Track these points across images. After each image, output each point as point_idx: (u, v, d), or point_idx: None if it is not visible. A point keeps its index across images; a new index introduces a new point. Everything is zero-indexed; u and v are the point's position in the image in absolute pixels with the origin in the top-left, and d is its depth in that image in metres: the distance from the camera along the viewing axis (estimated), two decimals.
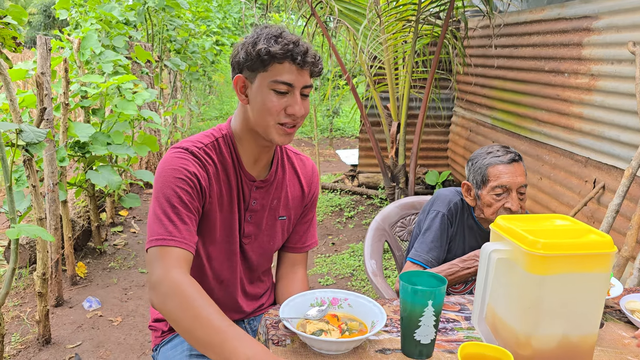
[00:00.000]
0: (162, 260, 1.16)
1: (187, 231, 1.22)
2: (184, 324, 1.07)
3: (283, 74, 1.24)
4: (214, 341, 1.02)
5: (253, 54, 1.23)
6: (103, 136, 3.43)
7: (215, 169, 1.32)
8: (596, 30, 3.16)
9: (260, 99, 1.26)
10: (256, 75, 1.26)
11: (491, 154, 1.72)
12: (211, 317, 1.05)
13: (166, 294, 1.11)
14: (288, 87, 1.25)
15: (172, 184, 1.24)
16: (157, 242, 1.19)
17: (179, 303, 1.09)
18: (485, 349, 0.99)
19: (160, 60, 5.74)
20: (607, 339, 1.27)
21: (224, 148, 1.34)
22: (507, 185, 1.67)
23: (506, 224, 1.09)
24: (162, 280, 1.13)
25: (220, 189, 1.34)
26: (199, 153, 1.30)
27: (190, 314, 1.07)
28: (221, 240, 1.38)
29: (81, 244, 3.86)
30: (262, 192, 1.40)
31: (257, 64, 1.24)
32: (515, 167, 1.68)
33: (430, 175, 5.45)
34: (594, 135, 3.18)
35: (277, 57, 1.22)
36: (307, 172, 1.51)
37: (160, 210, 1.22)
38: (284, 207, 1.46)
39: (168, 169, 1.26)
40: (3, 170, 2.18)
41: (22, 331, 2.82)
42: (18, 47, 2.15)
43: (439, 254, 1.76)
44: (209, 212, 1.32)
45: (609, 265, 1.02)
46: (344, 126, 10.08)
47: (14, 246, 2.19)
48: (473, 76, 4.92)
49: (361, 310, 1.27)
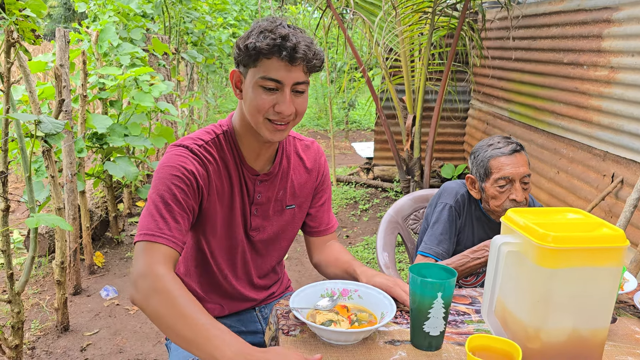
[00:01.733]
0: (147, 256, 1.15)
1: (178, 230, 1.21)
2: (167, 321, 1.06)
3: (271, 71, 1.20)
4: (198, 339, 1.02)
5: (242, 48, 1.21)
6: (120, 128, 3.47)
7: (216, 166, 1.31)
8: (616, 22, 3.10)
9: (250, 95, 1.24)
10: (248, 71, 1.24)
11: (492, 146, 1.71)
12: (195, 315, 1.05)
13: (149, 289, 1.10)
14: (276, 84, 1.21)
15: (169, 181, 1.23)
16: (145, 237, 1.17)
17: (162, 300, 1.08)
18: (494, 342, 0.99)
19: (177, 52, 5.77)
20: (620, 334, 1.26)
21: (224, 144, 1.34)
22: (510, 176, 1.66)
23: (517, 216, 1.08)
24: (146, 276, 1.11)
25: (222, 185, 1.33)
26: (198, 151, 1.29)
27: (175, 311, 1.06)
28: (222, 235, 1.38)
29: (99, 234, 3.93)
30: (266, 185, 1.39)
31: (247, 59, 1.22)
32: (517, 158, 1.68)
33: (446, 169, 5.41)
34: (613, 128, 3.13)
35: (264, 53, 1.19)
36: (311, 155, 1.50)
37: (154, 206, 1.21)
38: (291, 196, 1.45)
39: (166, 166, 1.25)
40: (23, 161, 2.22)
41: (42, 318, 2.89)
42: (37, 40, 2.18)
43: (448, 246, 1.76)
44: (208, 209, 1.32)
45: (620, 260, 1.01)
46: (360, 119, 10.05)
47: (33, 235, 2.23)
48: (490, 69, 4.87)
49: (371, 301, 1.28)
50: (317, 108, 10.72)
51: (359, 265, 1.41)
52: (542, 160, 3.96)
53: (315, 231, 1.54)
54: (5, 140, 2.12)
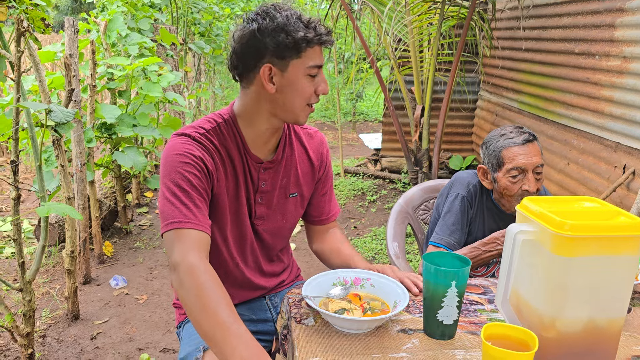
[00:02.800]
0: (179, 243, 1.15)
1: (202, 214, 1.21)
2: (193, 313, 1.07)
3: (315, 58, 1.25)
4: (217, 336, 1.02)
5: (288, 42, 1.20)
6: (129, 118, 3.48)
7: (219, 154, 1.31)
8: (629, 11, 3.06)
9: (297, 85, 1.25)
10: (288, 63, 1.23)
11: (504, 135, 1.69)
12: (218, 310, 1.04)
13: (182, 278, 1.11)
14: (318, 70, 1.27)
15: (180, 168, 1.22)
16: (173, 225, 1.17)
17: (191, 290, 1.08)
18: (509, 330, 0.98)
19: (184, 43, 5.76)
20: (635, 325, 1.25)
21: (226, 132, 1.33)
22: (523, 166, 1.64)
23: (533, 205, 1.07)
24: (180, 264, 1.12)
25: (226, 174, 1.33)
26: (201, 139, 1.28)
27: (200, 304, 1.06)
28: (232, 223, 1.38)
29: (108, 223, 3.94)
30: (271, 172, 1.39)
31: (291, 51, 1.22)
32: (530, 148, 1.66)
33: (455, 160, 5.39)
34: (624, 119, 3.09)
35: (312, 43, 1.23)
36: (315, 145, 1.50)
37: (171, 194, 1.20)
38: (295, 185, 1.45)
39: (173, 154, 1.24)
40: (33, 150, 2.23)
41: (52, 307, 2.91)
42: (47, 28, 2.18)
43: (460, 236, 1.75)
44: (217, 196, 1.32)
45: (638, 248, 1.00)
46: (368, 110, 10.02)
47: (44, 224, 2.24)
48: (500, 59, 4.83)
49: (384, 290, 1.27)
50: (324, 99, 10.69)
51: (361, 260, 1.44)
52: (552, 151, 3.92)
53: (317, 220, 1.56)
54: (16, 129, 2.13)
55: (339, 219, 4.47)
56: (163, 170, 1.25)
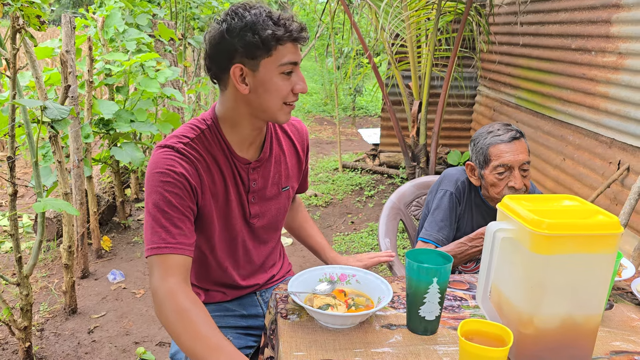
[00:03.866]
0: (158, 269, 1.19)
1: (181, 235, 1.22)
2: (175, 333, 1.12)
3: (287, 55, 1.21)
4: (201, 353, 1.07)
5: (256, 41, 1.18)
6: (127, 113, 3.49)
7: (205, 163, 1.30)
8: (625, 7, 3.06)
9: (270, 85, 1.22)
10: (259, 62, 1.21)
11: (492, 133, 1.72)
12: (200, 329, 1.10)
13: (161, 302, 1.15)
14: (293, 67, 1.23)
15: (161, 188, 1.22)
16: (152, 251, 1.20)
17: (171, 312, 1.13)
18: (486, 326, 1.00)
19: (183, 38, 5.77)
20: (616, 320, 1.27)
21: (210, 139, 1.32)
22: (509, 163, 1.67)
23: (512, 203, 1.09)
24: (158, 289, 1.17)
25: (214, 181, 1.32)
26: (185, 150, 1.27)
27: (181, 324, 1.11)
28: (220, 229, 1.38)
29: (106, 218, 3.97)
30: (260, 171, 1.39)
31: (260, 50, 1.19)
32: (517, 145, 1.68)
33: (453, 155, 5.40)
34: (619, 115, 3.10)
35: (282, 40, 1.19)
36: (300, 135, 1.51)
37: (151, 218, 1.22)
38: (286, 178, 1.47)
39: (155, 172, 1.24)
40: (30, 146, 2.25)
41: (50, 301, 2.94)
42: (42, 26, 2.20)
43: (449, 232, 1.77)
44: (203, 207, 1.32)
45: (614, 246, 1.02)
46: (367, 105, 10.01)
47: (41, 219, 2.27)
48: (497, 54, 4.83)
49: (369, 286, 1.30)
50: (323, 94, 10.69)
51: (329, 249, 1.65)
52: (548, 147, 3.94)
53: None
54: (12, 126, 2.15)
55: (336, 213, 4.50)
56: (146, 189, 1.26)
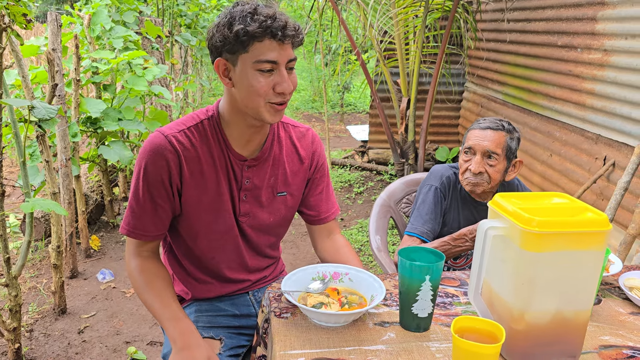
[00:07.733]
0: (127, 248, 1.41)
1: (150, 222, 1.36)
2: (139, 296, 1.38)
3: (265, 53, 1.19)
4: (159, 319, 1.31)
5: (230, 36, 1.18)
6: (114, 112, 3.47)
7: (195, 152, 1.32)
8: (610, 4, 3.10)
9: (246, 81, 1.22)
10: (237, 58, 1.21)
11: (477, 121, 1.80)
12: (153, 302, 1.33)
13: (130, 277, 1.40)
14: (273, 65, 1.20)
15: (141, 174, 1.32)
16: (124, 231, 1.38)
17: (134, 286, 1.38)
18: (478, 323, 1.01)
19: (170, 35, 5.73)
20: (604, 315, 1.29)
21: (208, 130, 1.34)
22: (472, 146, 1.74)
23: (503, 201, 1.11)
24: (127, 265, 1.41)
25: (202, 172, 1.34)
26: (175, 137, 1.30)
27: (142, 297, 1.36)
28: (209, 220, 1.39)
29: (95, 217, 3.94)
30: (255, 170, 1.39)
31: (237, 46, 1.19)
32: (487, 134, 1.74)
33: (441, 152, 5.43)
34: (605, 111, 3.14)
35: (257, 36, 1.17)
36: (307, 144, 1.49)
37: (130, 200, 1.37)
38: (283, 184, 1.45)
39: (141, 158, 1.32)
40: (17, 146, 2.23)
41: (39, 301, 2.92)
42: (28, 24, 2.17)
43: (434, 225, 1.80)
44: (189, 197, 1.35)
45: (603, 243, 1.03)
46: (355, 101, 10.02)
47: (29, 220, 2.25)
48: (485, 51, 4.86)
49: (362, 284, 1.30)
50: (311, 91, 10.68)
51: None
52: (535, 143, 3.98)
53: (316, 219, 1.56)
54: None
55: None
56: (134, 170, 1.35)
